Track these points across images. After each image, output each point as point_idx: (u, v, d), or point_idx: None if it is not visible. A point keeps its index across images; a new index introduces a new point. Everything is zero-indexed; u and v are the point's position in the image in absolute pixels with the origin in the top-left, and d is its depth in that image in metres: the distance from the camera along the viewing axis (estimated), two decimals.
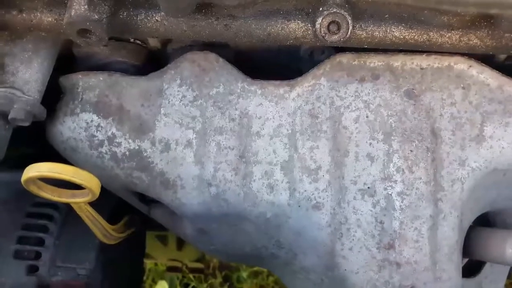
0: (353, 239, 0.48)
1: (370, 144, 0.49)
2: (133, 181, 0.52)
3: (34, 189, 0.45)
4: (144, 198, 0.61)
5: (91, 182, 0.43)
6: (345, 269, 0.49)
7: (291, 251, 0.54)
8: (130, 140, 0.51)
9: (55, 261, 0.66)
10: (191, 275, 1.77)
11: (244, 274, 1.79)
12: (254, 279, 1.79)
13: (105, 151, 0.52)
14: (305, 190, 0.49)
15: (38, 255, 0.66)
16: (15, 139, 0.58)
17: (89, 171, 0.47)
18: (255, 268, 1.82)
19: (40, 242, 0.67)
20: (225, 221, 0.52)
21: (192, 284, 1.76)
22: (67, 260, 0.66)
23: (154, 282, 1.76)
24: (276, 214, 0.50)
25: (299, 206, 0.49)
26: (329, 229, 0.49)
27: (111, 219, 0.67)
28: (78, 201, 0.47)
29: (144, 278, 1.67)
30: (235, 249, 0.57)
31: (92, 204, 0.55)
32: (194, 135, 0.50)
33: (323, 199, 0.48)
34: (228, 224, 0.53)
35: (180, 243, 1.27)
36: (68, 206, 0.72)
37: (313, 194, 0.49)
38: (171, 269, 1.34)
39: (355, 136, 0.49)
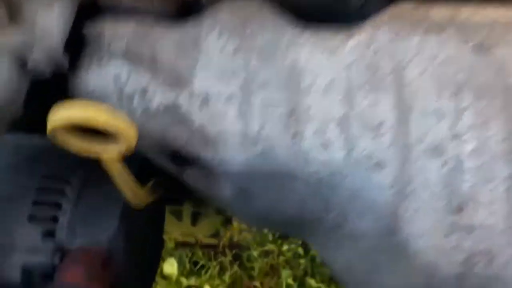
0: (418, 202, 0.44)
1: (437, 100, 0.44)
2: (168, 137, 0.47)
3: (61, 139, 0.40)
4: (176, 159, 0.56)
5: (129, 129, 0.37)
6: (408, 234, 0.44)
7: (342, 214, 0.49)
8: (164, 94, 0.46)
9: (74, 226, 0.62)
10: (200, 253, 1.74)
11: (255, 253, 1.76)
12: (264, 258, 1.76)
13: (136, 105, 0.47)
14: (365, 148, 0.44)
15: (55, 219, 0.62)
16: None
17: None
18: (266, 247, 1.79)
19: (57, 206, 0.62)
20: (271, 180, 0.47)
21: (202, 262, 1.73)
22: (86, 225, 0.61)
23: (163, 259, 1.73)
24: (330, 174, 0.45)
25: (357, 166, 0.44)
26: (392, 190, 0.44)
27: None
28: (111, 153, 0.41)
29: None
30: (276, 213, 0.52)
31: None
32: (237, 89, 0.45)
33: (386, 157, 0.43)
34: (275, 183, 0.48)
35: (195, 219, 1.23)
36: (87, 169, 0.68)
37: (374, 152, 0.43)
38: (183, 244, 1.30)
39: (420, 92, 0.44)
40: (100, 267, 0.59)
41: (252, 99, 0.44)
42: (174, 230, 1.28)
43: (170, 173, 0.67)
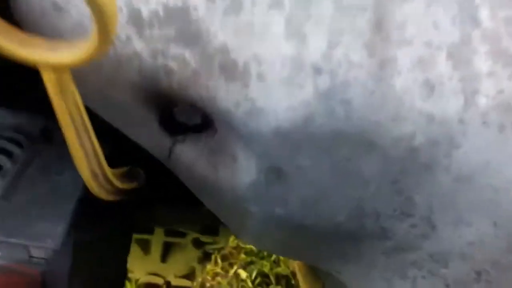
0: None
1: None
2: (166, 66, 0.28)
3: None
4: (167, 122, 0.36)
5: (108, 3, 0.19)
6: None
7: (429, 220, 0.31)
8: None
9: None
10: None
11: None
12: None
13: (122, 6, 0.28)
14: (502, 91, 0.27)
15: None
16: None
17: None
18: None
19: None
20: (329, 151, 0.28)
21: None
22: (15, 232, 0.39)
23: None
24: (432, 141, 0.27)
25: (483, 123, 0.27)
26: None
27: None
28: (66, 60, 0.21)
29: None
30: (319, 218, 0.33)
31: None
32: None
33: None
34: (333, 157, 0.29)
35: (166, 252, 0.99)
36: (23, 150, 0.47)
37: None
38: (149, 286, 1.05)
39: None
40: None
41: (313, 2, 0.26)
42: (138, 267, 1.03)
43: (148, 161, 0.47)
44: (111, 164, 0.41)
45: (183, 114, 0.34)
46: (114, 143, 0.48)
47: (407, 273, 0.37)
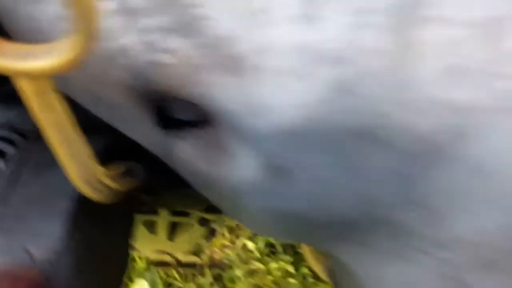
0: None
1: None
2: (159, 62, 0.26)
3: None
4: (165, 119, 0.34)
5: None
6: None
7: (439, 212, 0.29)
8: None
9: None
10: (176, 274, 1.49)
11: (239, 273, 1.53)
12: (250, 279, 1.54)
13: None
14: None
15: None
16: None
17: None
18: (251, 266, 1.56)
19: None
20: (337, 147, 0.26)
21: (177, 283, 1.48)
22: (15, 234, 0.38)
23: (131, 280, 1.47)
24: (457, 133, 0.25)
25: None
26: None
27: None
28: (45, 66, 0.19)
29: None
30: (326, 211, 0.31)
31: None
32: None
33: None
34: (342, 153, 0.27)
35: (172, 232, 1.00)
36: (17, 149, 0.45)
37: None
38: (158, 263, 1.06)
39: None
40: None
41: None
42: (146, 247, 1.03)
43: (149, 157, 0.45)
44: (110, 158, 0.39)
45: (180, 110, 0.32)
46: (111, 133, 0.46)
47: (412, 257, 0.36)
